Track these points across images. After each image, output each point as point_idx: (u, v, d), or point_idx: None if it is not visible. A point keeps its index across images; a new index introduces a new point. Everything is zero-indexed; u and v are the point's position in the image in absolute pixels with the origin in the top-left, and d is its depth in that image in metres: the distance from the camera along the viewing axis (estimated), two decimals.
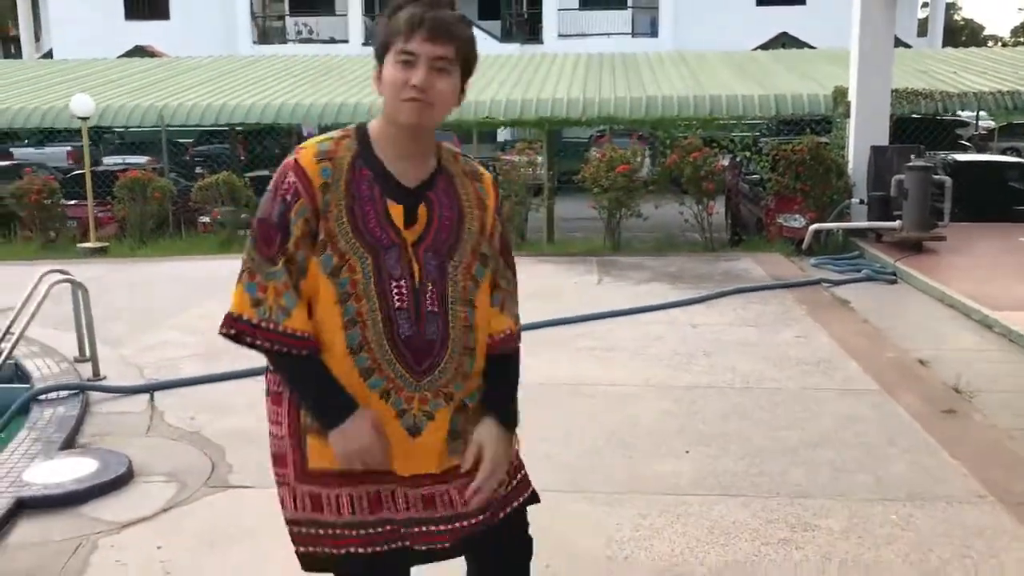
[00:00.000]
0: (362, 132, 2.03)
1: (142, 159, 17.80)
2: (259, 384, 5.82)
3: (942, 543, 3.57)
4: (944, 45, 31.71)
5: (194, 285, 8.85)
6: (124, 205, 11.51)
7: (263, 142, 18.32)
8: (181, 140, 19.35)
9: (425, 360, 2.00)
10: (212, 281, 8.92)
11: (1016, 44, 51.40)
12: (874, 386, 5.55)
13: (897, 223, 9.96)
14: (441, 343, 2.01)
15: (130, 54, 26.89)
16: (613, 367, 5.94)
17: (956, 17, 60.01)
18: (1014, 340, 6.53)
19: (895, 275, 8.97)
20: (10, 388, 5.51)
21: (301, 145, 2.02)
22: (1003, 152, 25.78)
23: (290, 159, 1.98)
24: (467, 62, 2.00)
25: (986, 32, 64.28)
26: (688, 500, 3.97)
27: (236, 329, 2.00)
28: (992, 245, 10.04)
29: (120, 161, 18.42)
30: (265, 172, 14.62)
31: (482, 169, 2.16)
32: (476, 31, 2.09)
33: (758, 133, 15.76)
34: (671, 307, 7.61)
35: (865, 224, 10.41)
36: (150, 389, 5.57)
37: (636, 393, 5.40)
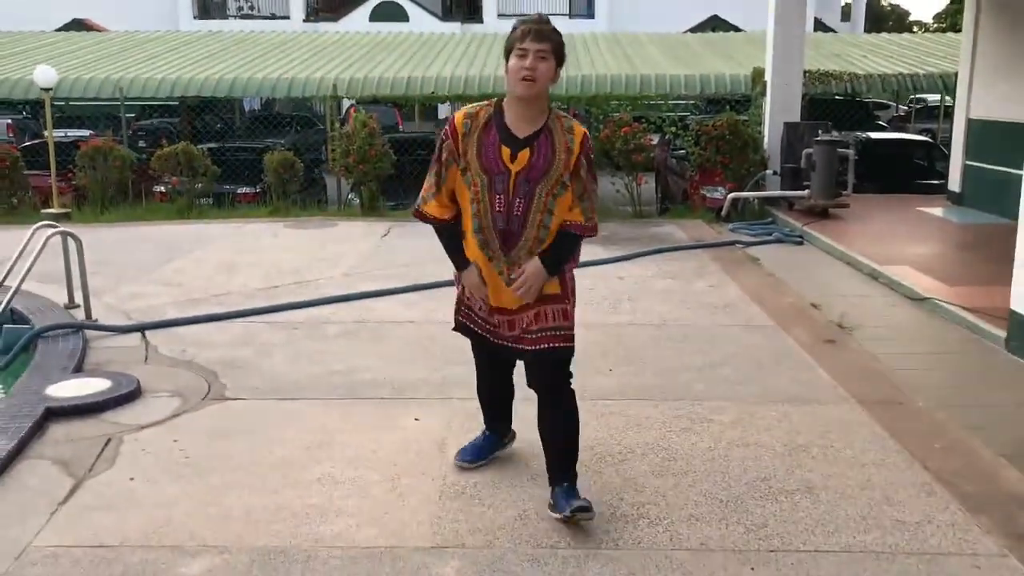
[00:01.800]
0: (498, 102, 3.44)
1: (85, 132, 18.10)
2: (237, 324, 6.60)
3: (808, 430, 4.52)
4: (869, 30, 33.19)
5: (162, 246, 9.48)
6: (85, 173, 11.99)
7: (203, 117, 18.81)
8: (126, 115, 19.70)
9: (510, 242, 3.44)
10: (177, 244, 9.60)
11: (938, 29, 53.45)
12: (771, 323, 6.52)
13: (806, 192, 11.00)
14: (519, 234, 3.42)
15: (68, 27, 26.88)
16: None
17: (883, 3, 62.11)
18: (895, 288, 7.56)
19: (802, 238, 9.99)
20: (14, 328, 6.14)
21: (461, 109, 3.50)
22: (919, 133, 27.28)
23: (451, 117, 3.47)
24: (559, 55, 3.33)
25: (912, 17, 66.51)
26: (609, 403, 4.86)
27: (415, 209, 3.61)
28: (892, 214, 11.13)
29: (63, 134, 18.73)
30: (214, 144, 15.16)
31: (577, 125, 3.45)
32: (415, 9, 3.83)
33: (687, 112, 16.80)
34: (601, 264, 8.51)
35: (778, 193, 11.44)
36: (142, 328, 6.28)
37: None
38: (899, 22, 59.74)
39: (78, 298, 6.71)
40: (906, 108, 31.55)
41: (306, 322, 6.51)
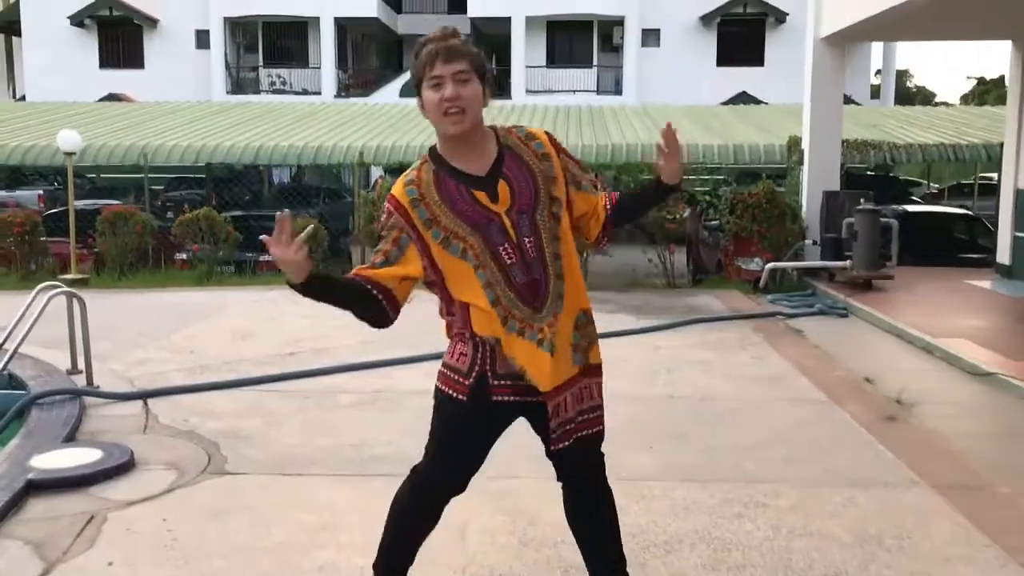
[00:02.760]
0: (433, 152, 2.66)
1: (114, 203, 18.08)
2: (244, 393, 6.17)
3: (879, 517, 3.98)
4: None
5: (176, 312, 9.14)
6: (105, 239, 11.77)
7: (232, 188, 18.75)
8: (153, 187, 19.71)
9: (540, 295, 2.62)
10: (194, 310, 9.25)
11: None
12: (822, 397, 5.99)
13: (848, 263, 10.52)
14: (545, 280, 2.63)
15: (104, 101, 27.23)
16: None
17: (909, 84, 62.17)
18: (953, 363, 7.02)
19: (846, 310, 9.48)
20: (8, 393, 5.75)
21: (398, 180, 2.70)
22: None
23: (391, 193, 2.66)
24: (481, 71, 2.57)
25: (937, 99, 66.49)
26: (652, 485, 4.34)
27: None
28: (937, 285, 10.61)
29: (91, 204, 18.72)
30: (239, 212, 14.94)
31: (533, 130, 2.74)
32: None
33: (721, 179, 16.44)
34: (636, 333, 8.04)
35: (819, 264, 10.97)
36: (143, 396, 5.86)
37: (607, 404, 5.76)
38: (925, 103, 59.72)
39: (83, 363, 6.33)
40: (937, 186, 31.18)
41: (319, 391, 6.07)
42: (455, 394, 2.74)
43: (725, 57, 31.38)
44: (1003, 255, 11.42)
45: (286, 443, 4.97)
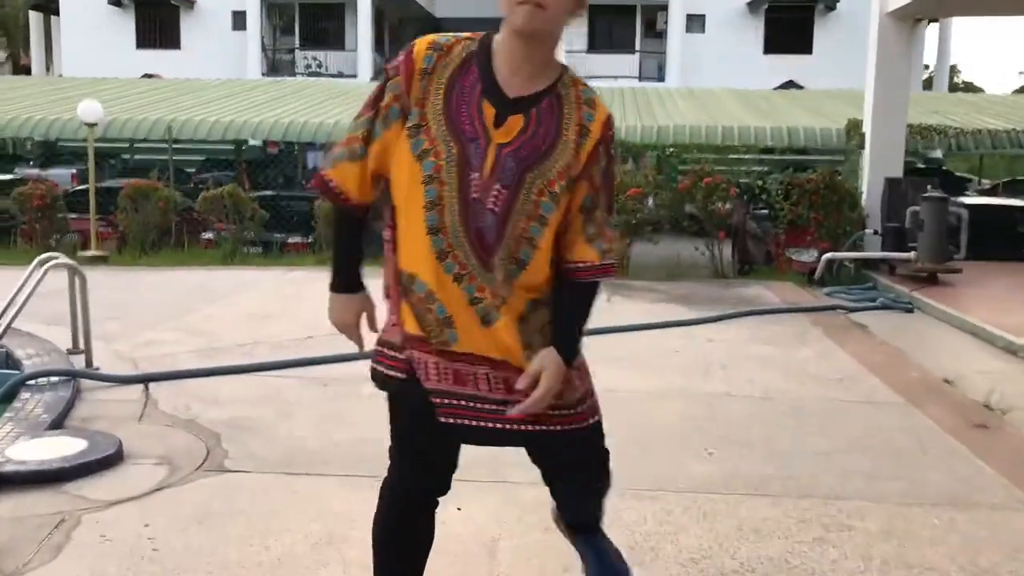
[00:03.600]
0: (486, 37, 2.10)
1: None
2: (256, 379, 5.59)
3: (990, 546, 3.33)
4: None
5: (194, 292, 8.64)
6: (127, 215, 11.32)
7: (265, 171, 18.28)
8: (186, 169, 19.26)
9: (488, 251, 2.03)
10: (213, 289, 8.75)
11: None
12: (899, 400, 5.32)
13: (912, 254, 9.77)
14: (495, 244, 2.03)
15: None
16: (633, 376, 5.68)
17: (956, 79, 60.34)
18: None
19: (911, 304, 8.76)
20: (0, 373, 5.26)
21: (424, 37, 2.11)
22: None
23: (409, 45, 2.09)
24: None
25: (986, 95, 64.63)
26: (714, 499, 3.72)
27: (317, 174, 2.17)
28: (1007, 280, 9.83)
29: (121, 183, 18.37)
30: (269, 192, 14.43)
31: (599, 100, 2.14)
32: None
33: (766, 169, 15.65)
34: (686, 324, 7.39)
35: (879, 255, 10.23)
36: (144, 379, 5.33)
37: (658, 399, 5.15)
38: None
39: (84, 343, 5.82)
40: (989, 182, 30.07)
41: (340, 379, 5.50)
42: (392, 372, 2.17)
43: (772, 44, 30.46)
44: None
45: (297, 436, 4.41)
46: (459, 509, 3.49)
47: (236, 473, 3.92)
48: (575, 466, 2.29)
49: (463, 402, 2.11)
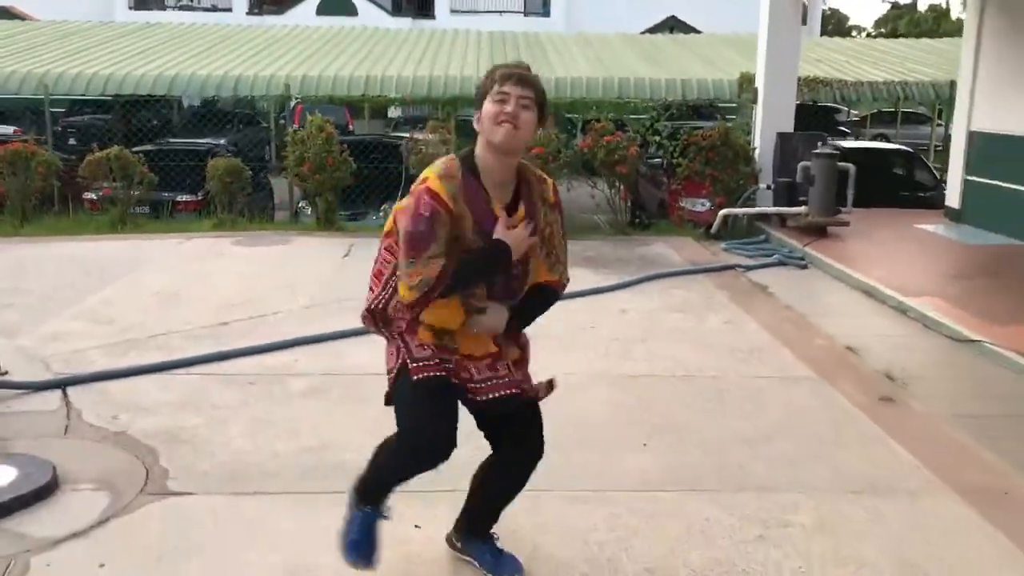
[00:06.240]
0: (465, 156, 2.82)
1: (8, 128, 16.59)
2: (181, 378, 5.43)
3: (913, 537, 3.60)
4: (822, 35, 32.84)
5: (91, 268, 8.27)
6: (3, 180, 10.64)
7: (139, 114, 17.37)
8: (52, 109, 18.13)
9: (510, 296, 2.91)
10: (109, 265, 8.40)
11: (879, 35, 53.83)
12: (811, 374, 5.61)
13: (803, 208, 10.18)
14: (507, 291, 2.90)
15: None
16: (555, 358, 5.76)
17: (824, 7, 61.92)
18: (929, 326, 6.74)
19: (804, 259, 9.16)
20: None
21: (423, 176, 2.79)
22: (874, 138, 26.95)
23: (421, 187, 2.75)
24: (541, 106, 2.81)
25: (851, 22, 66.67)
26: (659, 498, 3.88)
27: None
28: (891, 231, 10.38)
29: None
30: (149, 147, 13.73)
31: (545, 176, 3.03)
32: (364, 3, 3.09)
33: (654, 115, 15.79)
34: (597, 293, 7.55)
35: (773, 209, 10.62)
36: (62, 384, 5.12)
37: (586, 386, 5.26)
38: (838, 26, 59.79)
39: None
40: (858, 113, 31.29)
41: (265, 374, 5.42)
42: (432, 374, 2.88)
43: None
44: (953, 199, 11.25)
45: (235, 448, 4.35)
46: (418, 527, 3.55)
47: (182, 496, 3.85)
48: (535, 424, 3.08)
49: (461, 374, 2.92)
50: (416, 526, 3.55)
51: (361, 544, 3.00)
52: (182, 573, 3.25)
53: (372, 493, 3.02)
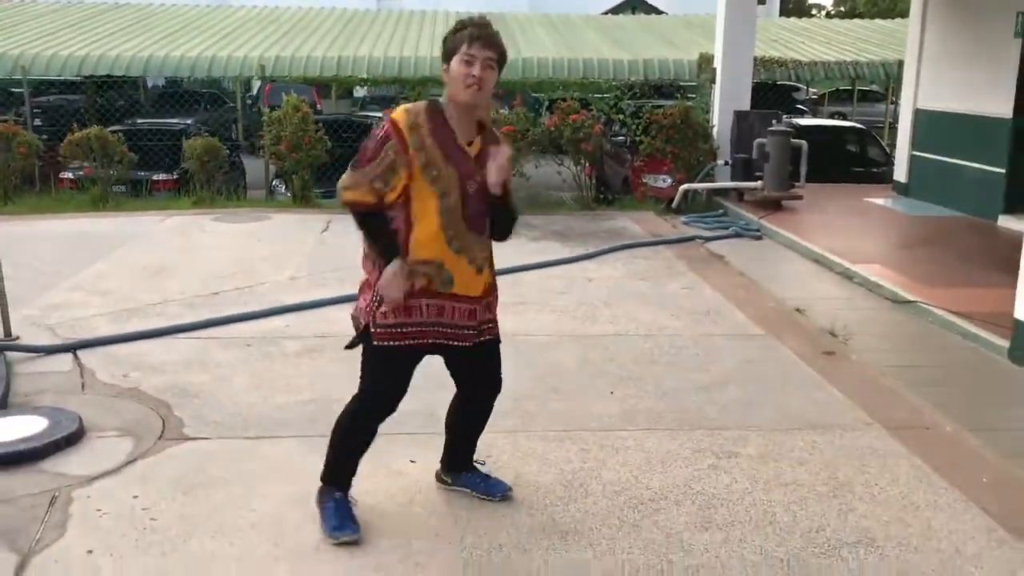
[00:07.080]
0: (435, 103, 3.28)
1: None
2: (183, 341, 5.89)
3: (844, 463, 4.15)
4: (780, 14, 33.46)
5: (78, 244, 8.61)
6: None
7: (106, 94, 17.52)
8: (14, 90, 18.22)
9: (479, 225, 3.32)
10: (96, 241, 8.74)
11: (838, 14, 54.62)
12: (761, 332, 6.16)
13: (759, 183, 10.74)
14: (483, 215, 3.32)
15: None
16: (528, 321, 6.29)
17: None
18: (872, 289, 7.32)
19: (759, 231, 9.72)
20: None
21: (392, 108, 3.34)
22: (831, 116, 27.68)
23: (386, 116, 3.30)
24: (502, 63, 3.26)
25: (811, 0, 67.42)
26: (623, 435, 4.40)
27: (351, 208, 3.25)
28: (842, 204, 10.98)
29: None
30: (119, 127, 13.93)
31: (499, 134, 3.49)
32: None
33: (618, 94, 16.33)
34: (565, 263, 8.05)
35: (730, 184, 11.17)
36: (73, 348, 5.53)
37: (557, 344, 5.79)
38: (799, 6, 60.52)
39: None
40: (816, 91, 32.00)
41: (261, 337, 5.86)
42: (397, 343, 3.31)
43: None
44: (900, 173, 11.87)
45: (242, 401, 4.79)
46: (413, 462, 4.04)
47: (198, 441, 4.30)
48: (495, 366, 3.58)
49: (441, 328, 3.33)
50: (412, 461, 4.04)
51: (344, 526, 3.37)
52: (208, 501, 3.70)
53: (338, 474, 3.49)
